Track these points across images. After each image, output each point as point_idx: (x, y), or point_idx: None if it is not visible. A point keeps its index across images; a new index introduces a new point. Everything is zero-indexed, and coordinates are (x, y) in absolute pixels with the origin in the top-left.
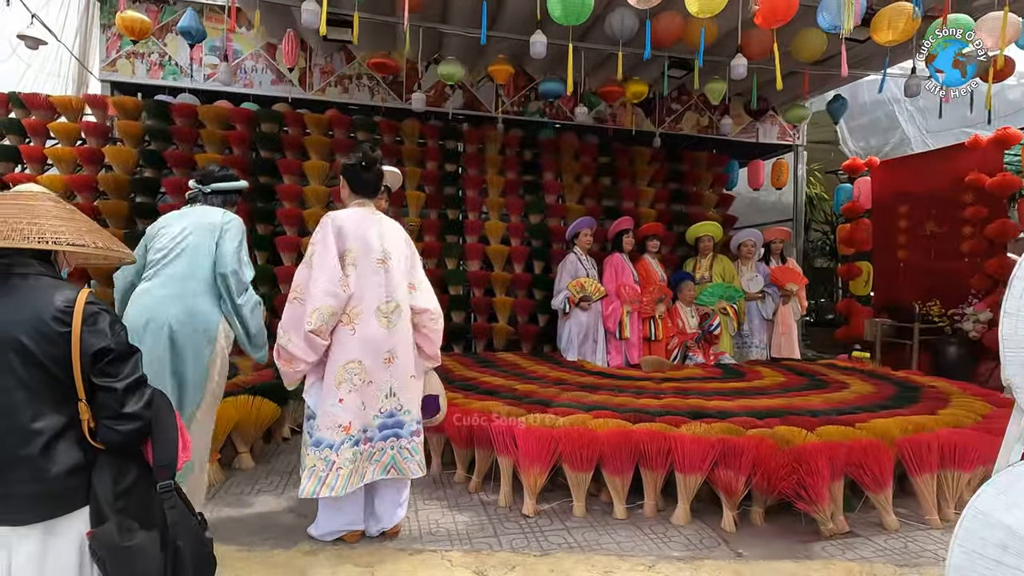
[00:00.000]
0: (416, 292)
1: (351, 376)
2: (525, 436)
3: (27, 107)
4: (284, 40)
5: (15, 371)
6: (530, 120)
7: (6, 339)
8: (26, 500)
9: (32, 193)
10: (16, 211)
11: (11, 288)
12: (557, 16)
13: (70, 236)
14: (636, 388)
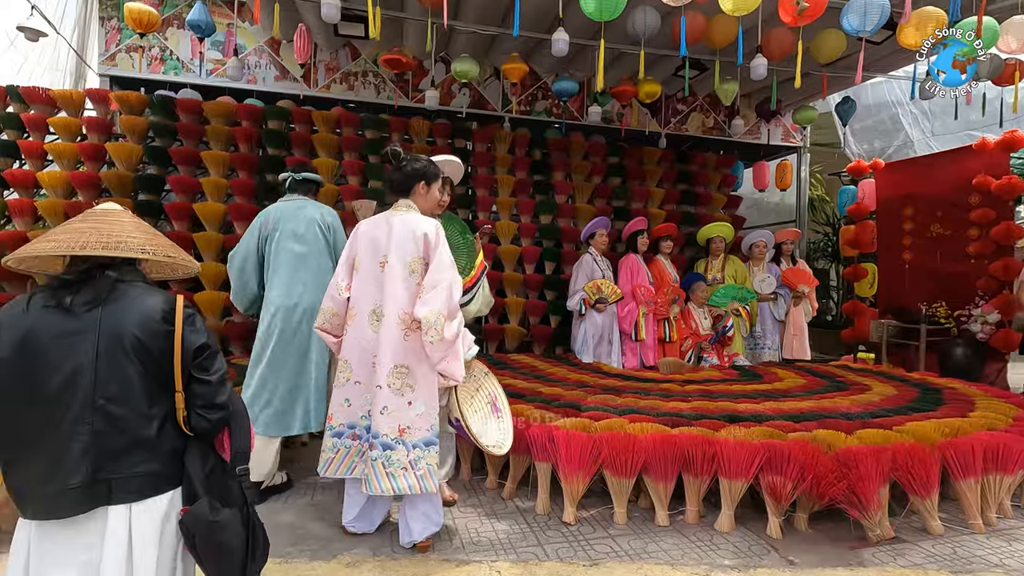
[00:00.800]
0: (420, 297)
1: (341, 373)
2: (567, 442)
3: (26, 101)
4: (296, 35)
5: (133, 363)
6: (537, 120)
7: (125, 334)
8: (143, 479)
9: (119, 210)
10: (110, 226)
11: (122, 293)
12: (591, 11)
13: (162, 249)
14: (661, 391)
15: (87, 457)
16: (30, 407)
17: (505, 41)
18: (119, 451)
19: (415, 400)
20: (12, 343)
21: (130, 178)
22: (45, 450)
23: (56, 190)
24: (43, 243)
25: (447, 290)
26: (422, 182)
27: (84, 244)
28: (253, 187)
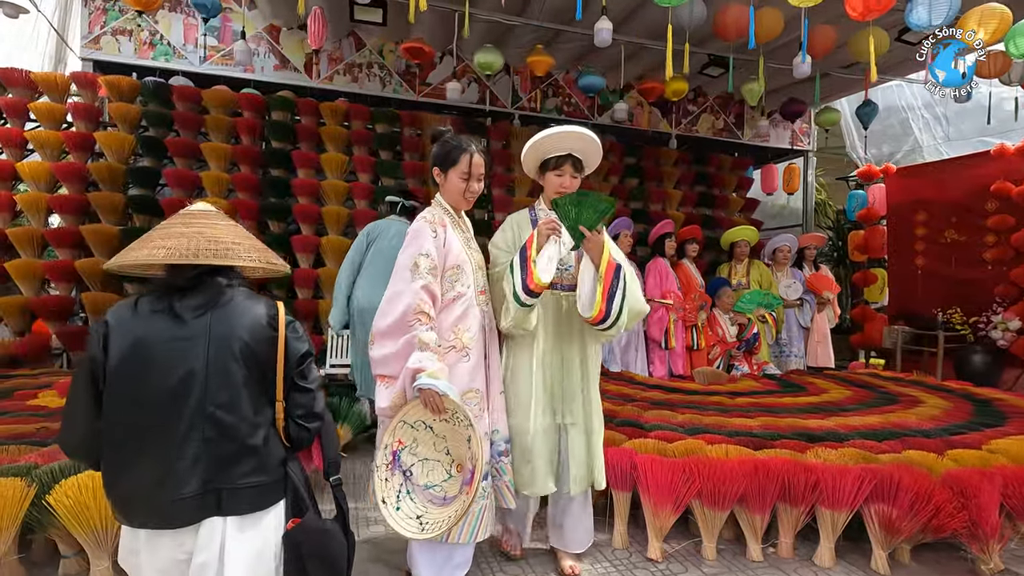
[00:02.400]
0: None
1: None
2: (652, 469)
3: (4, 84)
4: (310, 19)
5: (241, 369)
6: (548, 117)
7: (235, 339)
8: (253, 490)
9: (217, 212)
10: (214, 231)
11: (229, 298)
12: None
13: (264, 256)
14: (715, 405)
15: (199, 466)
16: (140, 414)
17: (520, 34)
18: (229, 460)
19: None
20: (123, 348)
21: (121, 171)
22: (156, 458)
23: (38, 183)
24: (152, 250)
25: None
26: (435, 168)
27: (197, 251)
28: (257, 183)
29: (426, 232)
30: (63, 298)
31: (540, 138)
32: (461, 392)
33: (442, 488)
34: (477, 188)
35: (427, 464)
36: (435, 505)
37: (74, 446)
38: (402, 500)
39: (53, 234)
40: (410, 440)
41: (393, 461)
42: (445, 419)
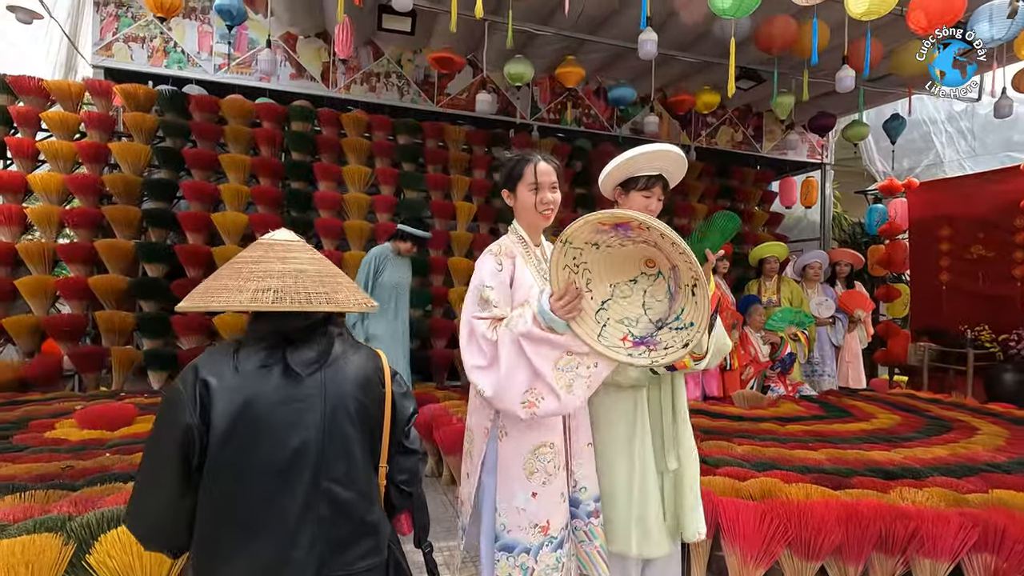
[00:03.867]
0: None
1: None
2: (738, 515)
3: (15, 92)
4: (338, 28)
5: (356, 433)
6: (567, 128)
7: (349, 398)
8: (369, 573)
9: (301, 244)
10: (313, 267)
11: (340, 351)
12: (725, 8)
13: (354, 295)
14: (768, 434)
15: (314, 552)
16: (247, 493)
17: (542, 44)
18: (346, 543)
19: (471, 474)
20: (230, 413)
21: (137, 183)
22: (267, 545)
23: (50, 195)
24: (255, 293)
25: (462, 340)
26: (504, 191)
27: (309, 297)
28: (277, 196)
29: (489, 264)
30: (75, 317)
31: (632, 156)
32: (533, 447)
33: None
34: (552, 198)
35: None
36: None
37: (152, 532)
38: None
39: (65, 249)
40: (624, 325)
41: (635, 344)
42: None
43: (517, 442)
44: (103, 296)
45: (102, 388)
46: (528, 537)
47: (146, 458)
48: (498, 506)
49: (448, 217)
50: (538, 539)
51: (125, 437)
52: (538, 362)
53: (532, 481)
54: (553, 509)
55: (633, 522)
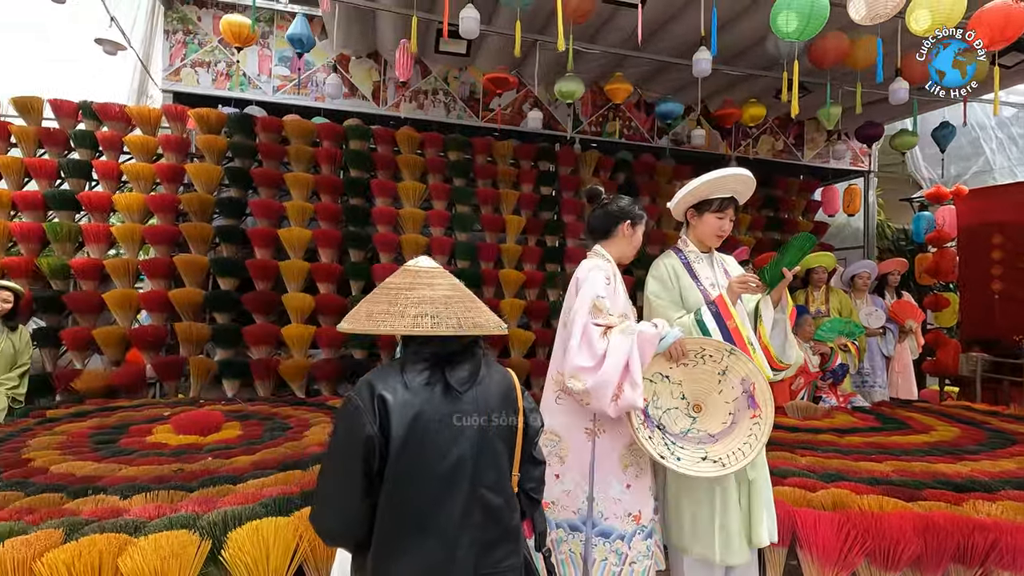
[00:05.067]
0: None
1: None
2: (816, 525)
3: (100, 118)
4: (398, 51)
5: (501, 444)
6: (609, 141)
7: (496, 412)
8: (512, 573)
9: (441, 270)
10: (456, 293)
11: (483, 368)
12: (790, 32)
13: (492, 318)
14: (829, 445)
15: (472, 552)
16: (419, 498)
17: (586, 60)
18: (493, 544)
19: (563, 474)
20: (404, 425)
21: (210, 201)
22: (436, 545)
23: (132, 214)
24: (414, 319)
25: (568, 348)
26: (627, 222)
27: (460, 323)
28: (337, 211)
29: (600, 279)
30: (157, 328)
31: (709, 180)
32: (627, 443)
33: (697, 430)
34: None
35: (670, 413)
36: (707, 444)
37: (339, 530)
38: (675, 450)
39: (147, 264)
40: (651, 395)
41: (646, 418)
42: (684, 363)
43: (613, 439)
44: (181, 308)
45: (180, 395)
46: (623, 525)
47: (331, 464)
48: (595, 495)
49: (498, 230)
50: (631, 527)
51: (218, 442)
52: (634, 362)
53: (626, 474)
54: (644, 501)
55: (716, 530)
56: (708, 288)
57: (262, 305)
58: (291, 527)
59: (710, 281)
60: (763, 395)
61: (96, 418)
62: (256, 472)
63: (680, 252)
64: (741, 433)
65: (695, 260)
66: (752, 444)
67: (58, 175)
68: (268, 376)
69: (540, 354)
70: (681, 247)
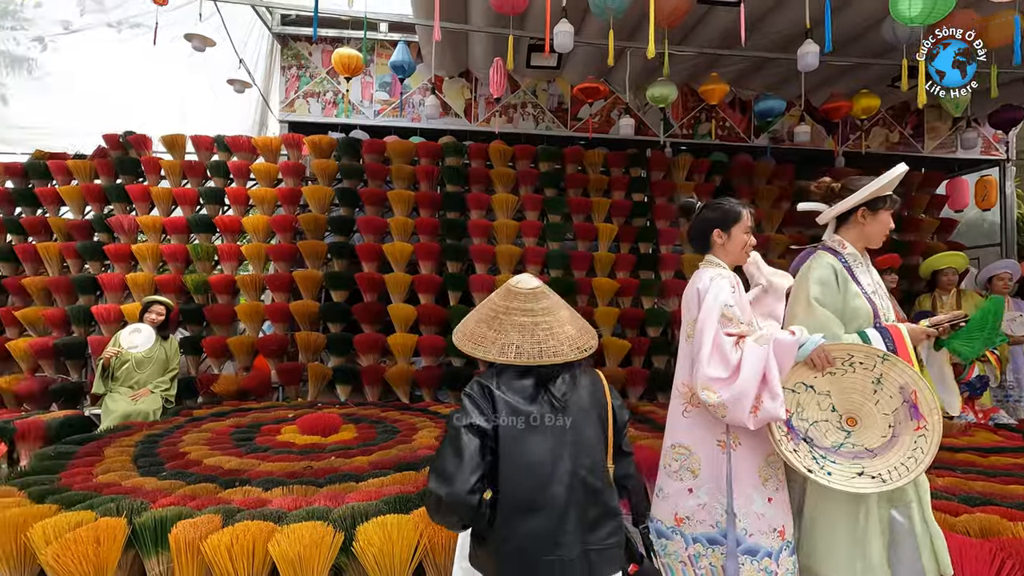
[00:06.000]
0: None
1: None
2: (958, 553)
3: (230, 149)
4: (492, 69)
5: (594, 435)
6: (701, 143)
7: (589, 410)
8: (614, 550)
9: (542, 291)
10: (549, 320)
11: (578, 375)
12: (914, 16)
13: (586, 342)
14: (970, 466)
15: (578, 529)
16: (529, 477)
17: (677, 62)
18: (596, 522)
19: (696, 488)
20: (511, 420)
21: (323, 220)
22: (546, 519)
23: (258, 234)
24: (503, 347)
25: (698, 359)
26: (717, 229)
27: (541, 353)
28: (436, 225)
29: (724, 285)
30: (280, 336)
31: (887, 180)
32: (765, 455)
33: (852, 445)
34: (753, 241)
35: (818, 427)
36: (864, 459)
37: (453, 509)
38: (825, 464)
39: (270, 279)
40: (794, 406)
41: (789, 430)
42: (831, 372)
43: (751, 451)
44: (299, 319)
45: (299, 399)
46: (769, 541)
47: (449, 450)
48: (737, 512)
49: (590, 239)
50: (777, 543)
51: (338, 443)
52: (772, 371)
53: (767, 487)
54: (787, 514)
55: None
56: (871, 296)
57: (370, 315)
58: (412, 524)
59: (871, 288)
60: (927, 404)
61: (233, 418)
62: (375, 472)
63: (839, 254)
64: (904, 447)
65: (855, 263)
66: (918, 459)
67: (198, 202)
68: (376, 382)
69: (635, 362)
70: (838, 248)
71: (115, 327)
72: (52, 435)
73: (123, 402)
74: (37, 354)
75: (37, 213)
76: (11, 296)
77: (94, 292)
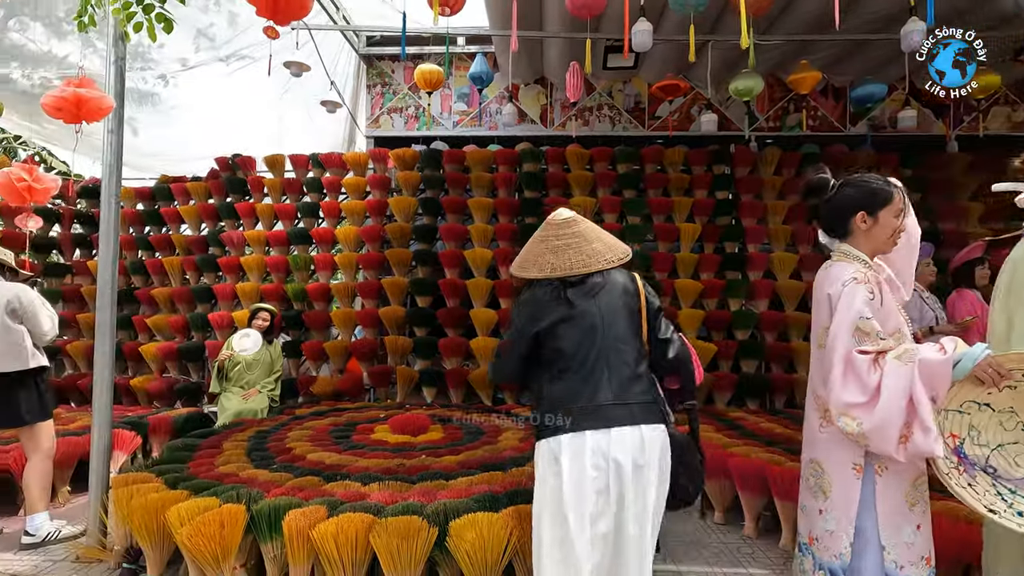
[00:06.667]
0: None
1: None
2: None
3: (324, 166)
4: (568, 73)
5: (623, 314)
6: (790, 135)
7: (616, 298)
8: (647, 406)
9: (574, 219)
10: (579, 242)
11: (608, 278)
12: None
13: (615, 254)
14: None
15: (611, 383)
16: (566, 347)
17: (760, 52)
18: (627, 381)
19: (826, 510)
20: (553, 316)
21: (408, 229)
22: (580, 374)
23: (349, 244)
24: (541, 267)
25: (831, 381)
26: (861, 212)
27: (571, 266)
28: (514, 231)
29: (863, 294)
30: (371, 341)
31: None
32: (913, 478)
33: None
34: (904, 228)
35: (1006, 451)
36: None
37: (509, 375)
38: (1016, 501)
39: (361, 287)
40: (964, 429)
41: (961, 460)
42: (1009, 385)
43: (898, 476)
44: (388, 323)
45: (389, 400)
46: (918, 571)
47: (510, 336)
48: (885, 543)
49: (671, 239)
50: (925, 572)
51: (427, 442)
52: (921, 396)
53: (914, 513)
54: (931, 540)
55: None
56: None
57: (453, 320)
58: (502, 523)
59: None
60: None
61: (331, 417)
62: (463, 471)
63: None
64: None
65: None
66: None
67: (296, 216)
68: (460, 384)
69: (723, 366)
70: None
71: (227, 332)
72: (177, 429)
73: (235, 401)
74: (164, 357)
75: (162, 231)
76: (142, 305)
77: (210, 301)
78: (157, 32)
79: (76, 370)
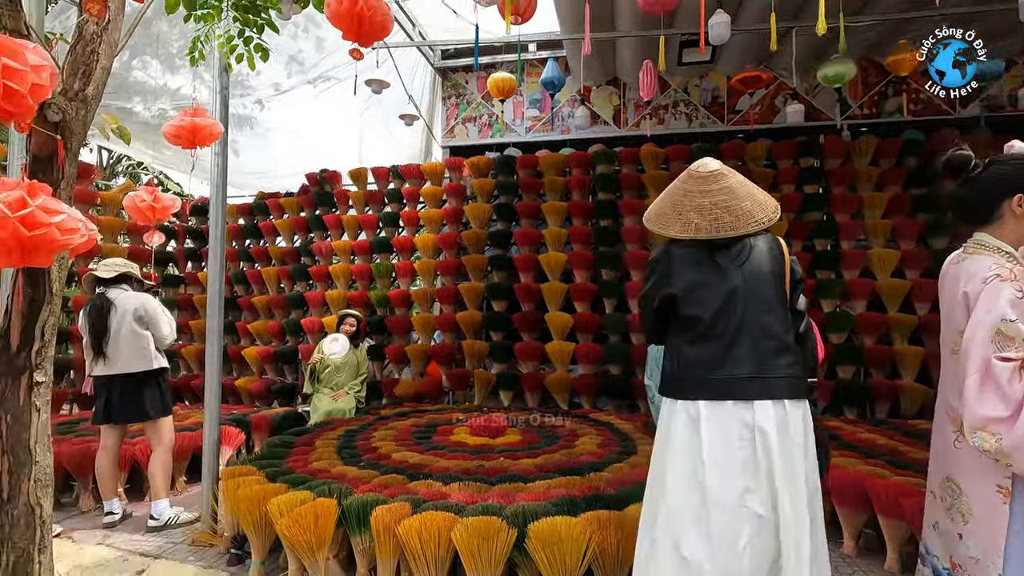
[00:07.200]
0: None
1: None
2: None
3: (403, 177)
4: (642, 72)
5: (768, 280)
6: (888, 122)
7: (763, 263)
8: (790, 380)
9: (720, 174)
10: (727, 199)
11: (755, 243)
12: None
13: (768, 215)
14: None
15: (751, 355)
16: (704, 312)
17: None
18: (771, 353)
19: (967, 535)
20: (686, 277)
21: (483, 235)
22: (717, 342)
23: (427, 251)
24: (684, 225)
25: (965, 392)
26: (1020, 195)
27: (718, 227)
28: (589, 234)
29: (1008, 293)
30: (449, 345)
31: None
32: None
33: None
34: None
35: None
36: None
37: (646, 333)
38: None
39: (439, 292)
40: None
41: None
42: None
43: None
44: (465, 328)
45: (467, 403)
46: None
47: (645, 298)
48: None
49: None
50: None
51: (505, 445)
52: None
53: None
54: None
55: None
56: None
57: (528, 324)
58: (580, 527)
59: None
60: None
61: (413, 418)
62: (541, 475)
63: None
64: None
65: None
66: None
67: (378, 225)
68: (536, 388)
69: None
70: None
71: (318, 337)
72: (275, 427)
73: (326, 401)
74: (263, 360)
75: (260, 244)
76: (244, 312)
77: (302, 307)
78: (256, 61)
79: (189, 371)
